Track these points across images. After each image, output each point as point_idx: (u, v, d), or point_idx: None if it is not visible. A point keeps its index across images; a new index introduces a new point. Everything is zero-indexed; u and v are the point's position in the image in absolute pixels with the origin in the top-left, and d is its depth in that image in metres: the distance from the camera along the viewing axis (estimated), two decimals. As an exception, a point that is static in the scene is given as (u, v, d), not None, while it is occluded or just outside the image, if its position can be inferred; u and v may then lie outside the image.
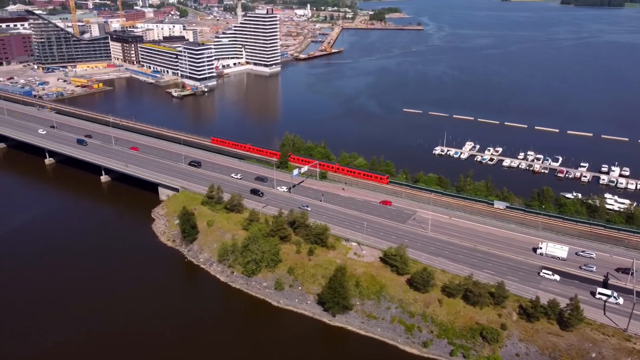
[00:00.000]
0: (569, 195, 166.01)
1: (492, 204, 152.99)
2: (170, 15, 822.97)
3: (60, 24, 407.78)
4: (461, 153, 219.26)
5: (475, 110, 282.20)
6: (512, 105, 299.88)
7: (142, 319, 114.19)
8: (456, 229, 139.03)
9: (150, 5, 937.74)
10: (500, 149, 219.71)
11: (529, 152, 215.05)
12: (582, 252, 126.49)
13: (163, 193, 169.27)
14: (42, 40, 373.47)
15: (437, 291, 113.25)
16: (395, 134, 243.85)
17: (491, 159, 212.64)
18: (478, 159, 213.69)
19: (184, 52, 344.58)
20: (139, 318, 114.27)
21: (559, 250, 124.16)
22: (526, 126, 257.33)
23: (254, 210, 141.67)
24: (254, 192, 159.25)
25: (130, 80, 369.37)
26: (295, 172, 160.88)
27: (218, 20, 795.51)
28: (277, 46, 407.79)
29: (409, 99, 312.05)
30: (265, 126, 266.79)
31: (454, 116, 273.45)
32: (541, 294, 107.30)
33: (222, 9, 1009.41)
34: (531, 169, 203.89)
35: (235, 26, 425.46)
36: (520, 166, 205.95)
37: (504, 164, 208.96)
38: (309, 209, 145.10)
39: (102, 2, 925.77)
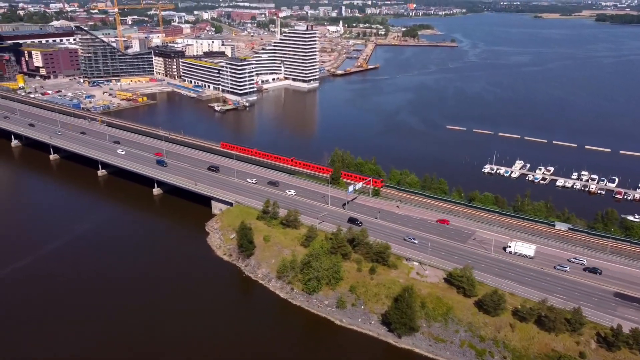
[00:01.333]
0: (631, 218, 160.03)
1: (554, 225, 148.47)
2: (205, 31, 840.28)
3: (105, 40, 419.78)
4: (511, 172, 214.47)
5: (521, 128, 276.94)
6: (558, 124, 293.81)
7: (201, 333, 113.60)
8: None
9: (186, 22, 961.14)
10: (551, 169, 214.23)
11: (582, 172, 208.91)
12: (574, 258, 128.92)
13: (216, 207, 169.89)
14: (89, 54, 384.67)
15: (508, 315, 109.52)
16: (441, 151, 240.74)
17: (543, 179, 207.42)
18: (530, 178, 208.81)
19: (226, 67, 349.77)
20: (197, 332, 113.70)
21: (527, 249, 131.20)
22: (575, 145, 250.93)
23: (312, 227, 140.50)
24: (352, 221, 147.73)
25: (172, 94, 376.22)
26: (350, 188, 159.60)
27: (252, 36, 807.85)
28: (315, 62, 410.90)
29: (451, 115, 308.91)
30: (308, 141, 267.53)
31: (499, 134, 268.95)
32: (619, 322, 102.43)
33: (255, 25, 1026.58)
34: (587, 189, 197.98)
35: (274, 42, 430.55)
36: (575, 186, 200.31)
37: (558, 183, 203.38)
38: (416, 241, 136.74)
39: (140, 18, 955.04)
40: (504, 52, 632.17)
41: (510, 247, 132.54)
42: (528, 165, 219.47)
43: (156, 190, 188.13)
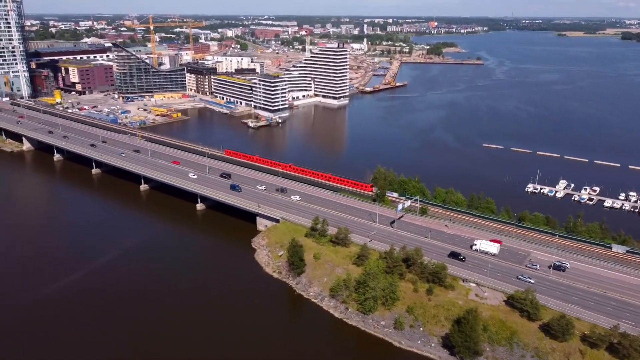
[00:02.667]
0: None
1: (610, 248, 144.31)
2: (231, 48, 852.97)
3: (140, 56, 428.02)
4: (556, 191, 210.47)
5: (560, 146, 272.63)
6: (597, 142, 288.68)
7: (254, 349, 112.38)
8: (578, 273, 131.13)
9: (212, 39, 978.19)
10: (597, 189, 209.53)
11: (630, 193, 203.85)
12: (558, 261, 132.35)
13: (261, 223, 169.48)
14: (124, 71, 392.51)
15: (577, 341, 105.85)
16: (480, 170, 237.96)
17: (590, 199, 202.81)
18: (575, 199, 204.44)
19: (259, 84, 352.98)
20: (251, 348, 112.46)
21: (491, 246, 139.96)
22: (618, 165, 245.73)
23: (365, 246, 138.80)
24: (454, 255, 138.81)
25: (205, 110, 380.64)
26: (400, 206, 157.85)
27: (277, 53, 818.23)
28: (346, 79, 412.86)
29: (486, 133, 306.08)
30: (344, 157, 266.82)
31: (538, 152, 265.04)
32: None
33: (280, 43, 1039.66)
34: (637, 210, 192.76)
35: (305, 59, 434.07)
36: (624, 207, 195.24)
37: (605, 204, 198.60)
38: (532, 281, 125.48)
39: (168, 36, 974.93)
40: (532, 70, 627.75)
41: (476, 245, 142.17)
42: (572, 185, 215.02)
43: (199, 206, 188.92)
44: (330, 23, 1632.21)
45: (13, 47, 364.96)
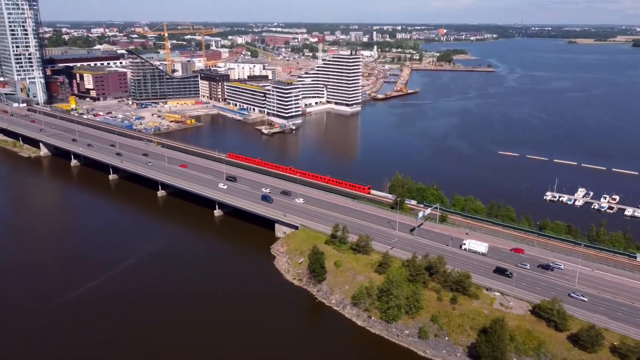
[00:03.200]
0: None
1: (635, 257, 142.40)
2: (242, 55, 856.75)
3: (154, 63, 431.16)
4: (575, 200, 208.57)
5: (576, 154, 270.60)
6: (614, 150, 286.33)
7: (276, 356, 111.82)
8: (603, 282, 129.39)
9: (222, 46, 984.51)
10: (617, 197, 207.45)
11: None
12: (552, 263, 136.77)
13: (280, 230, 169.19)
14: (139, 77, 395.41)
15: (606, 352, 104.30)
16: (496, 177, 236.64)
17: (610, 207, 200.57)
18: (595, 207, 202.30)
19: (273, 90, 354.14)
20: (272, 355, 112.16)
21: (480, 246, 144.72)
22: (637, 173, 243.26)
23: (387, 254, 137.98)
24: (500, 271, 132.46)
25: (218, 116, 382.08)
26: (420, 214, 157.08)
27: (288, 60, 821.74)
28: (358, 86, 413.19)
29: (501, 140, 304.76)
30: (360, 163, 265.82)
31: (554, 160, 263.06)
32: None
33: (290, 50, 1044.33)
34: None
35: (317, 67, 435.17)
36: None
37: (626, 213, 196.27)
38: (586, 299, 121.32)
39: (179, 43, 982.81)
40: (543, 78, 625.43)
41: (465, 244, 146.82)
42: (591, 193, 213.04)
43: (217, 212, 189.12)
44: (340, 30, 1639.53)
45: (30, 54, 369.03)
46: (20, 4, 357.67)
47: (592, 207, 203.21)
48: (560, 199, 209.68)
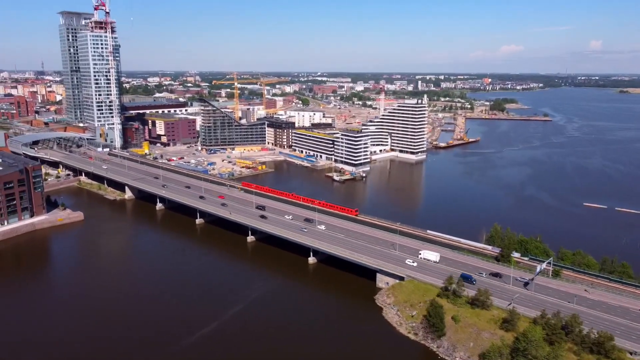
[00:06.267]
0: None
1: None
2: (293, 103, 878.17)
3: (224, 111, 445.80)
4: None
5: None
6: None
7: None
8: None
9: (274, 95, 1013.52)
10: None
11: None
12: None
13: (382, 280, 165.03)
14: (209, 124, 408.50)
15: None
16: (590, 231, 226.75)
17: None
18: None
19: (342, 138, 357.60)
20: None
21: (432, 255, 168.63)
22: None
23: (514, 310, 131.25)
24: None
25: (285, 163, 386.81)
26: (539, 268, 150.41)
27: (339, 108, 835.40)
28: (424, 134, 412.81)
29: (582, 191, 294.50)
30: (442, 212, 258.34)
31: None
32: None
33: (339, 98, 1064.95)
34: None
35: (382, 115, 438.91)
36: None
37: None
38: None
39: (231, 91, 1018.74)
40: (606, 128, 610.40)
41: (421, 254, 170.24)
42: None
43: (311, 259, 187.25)
44: (383, 79, 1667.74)
45: (110, 102, 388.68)
46: (105, 55, 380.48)
47: None
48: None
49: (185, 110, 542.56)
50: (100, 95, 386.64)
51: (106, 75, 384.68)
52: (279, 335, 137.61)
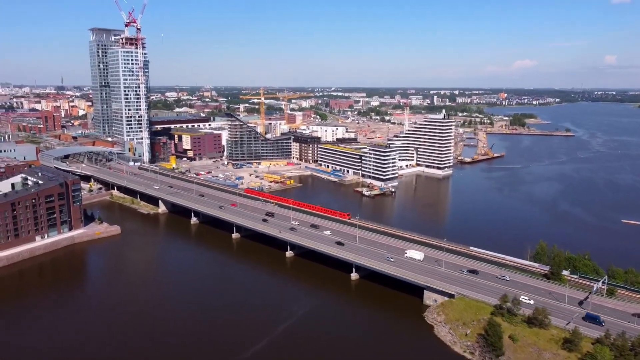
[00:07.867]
0: None
1: None
2: (311, 118, 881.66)
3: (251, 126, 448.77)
4: None
5: None
6: None
7: None
8: None
9: (292, 109, 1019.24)
10: None
11: None
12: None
13: (430, 297, 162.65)
14: (236, 139, 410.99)
15: None
16: (633, 247, 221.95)
17: None
18: None
19: (370, 153, 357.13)
20: None
21: (417, 253, 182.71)
22: None
23: (576, 330, 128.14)
24: None
25: (311, 177, 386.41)
26: (595, 287, 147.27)
27: (358, 123, 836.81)
28: (450, 149, 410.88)
29: (618, 208, 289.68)
30: (480, 228, 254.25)
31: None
32: None
33: (356, 113, 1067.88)
34: None
35: (408, 130, 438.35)
36: None
37: None
38: None
39: (251, 106, 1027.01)
40: (631, 143, 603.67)
41: (407, 253, 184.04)
42: None
43: (354, 275, 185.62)
44: (398, 94, 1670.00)
45: (140, 116, 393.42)
46: (135, 71, 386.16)
47: None
48: None
49: (209, 125, 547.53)
50: (129, 110, 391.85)
51: (136, 91, 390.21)
52: (333, 352, 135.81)
